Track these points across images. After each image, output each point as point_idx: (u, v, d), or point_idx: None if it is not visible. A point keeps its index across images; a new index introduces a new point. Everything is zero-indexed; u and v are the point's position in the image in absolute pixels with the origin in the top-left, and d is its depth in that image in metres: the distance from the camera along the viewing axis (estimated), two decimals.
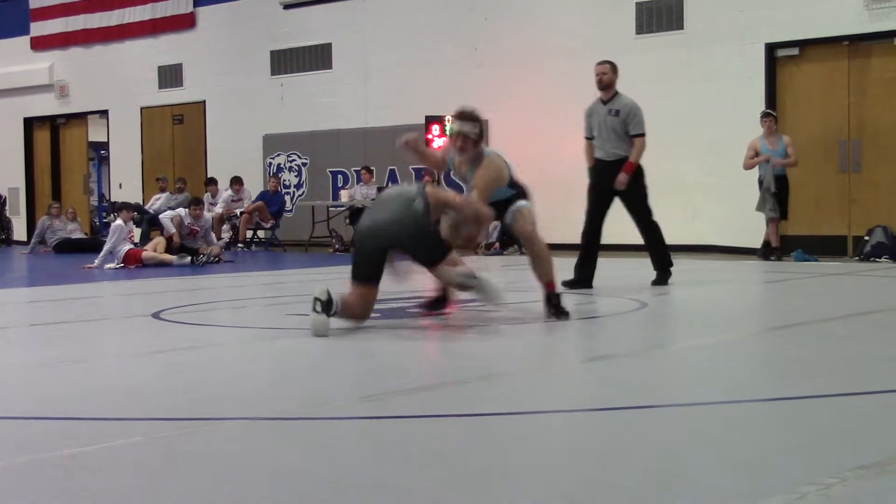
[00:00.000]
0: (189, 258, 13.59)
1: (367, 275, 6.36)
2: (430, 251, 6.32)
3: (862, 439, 3.51)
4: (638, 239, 9.77)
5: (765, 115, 12.99)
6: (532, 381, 4.85)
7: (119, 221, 13.80)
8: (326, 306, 6.12)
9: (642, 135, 9.48)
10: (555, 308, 6.83)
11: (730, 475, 3.10)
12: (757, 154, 12.88)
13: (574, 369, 5.22)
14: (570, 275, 8.98)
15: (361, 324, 6.45)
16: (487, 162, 6.87)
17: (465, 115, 6.87)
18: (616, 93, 9.56)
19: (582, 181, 15.88)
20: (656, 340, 6.40)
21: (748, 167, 13.03)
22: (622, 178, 9.36)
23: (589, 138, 9.66)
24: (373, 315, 7.40)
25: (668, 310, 7.40)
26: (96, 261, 13.38)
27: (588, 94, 15.35)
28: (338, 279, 9.34)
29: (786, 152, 12.79)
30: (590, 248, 9.36)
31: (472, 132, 6.81)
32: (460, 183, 7.44)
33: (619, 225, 9.86)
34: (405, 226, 6.27)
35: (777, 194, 12.74)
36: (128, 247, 13.49)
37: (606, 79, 9.55)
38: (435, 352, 6.01)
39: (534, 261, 7.02)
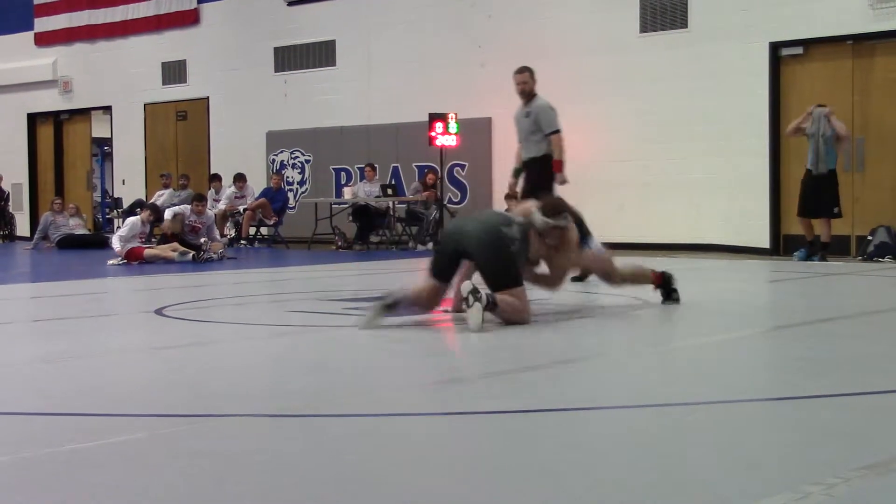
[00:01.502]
0: (191, 255, 13.58)
1: (437, 272, 6.56)
2: (498, 274, 6.37)
3: (865, 439, 3.50)
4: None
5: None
6: (534, 379, 4.84)
7: (138, 218, 13.82)
8: (390, 307, 6.39)
9: (556, 132, 9.72)
10: (667, 292, 7.40)
11: (733, 474, 3.10)
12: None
13: (575, 367, 5.21)
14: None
15: (426, 313, 6.65)
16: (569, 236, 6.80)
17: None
18: (534, 96, 9.83)
19: (586, 179, 15.90)
20: (659, 338, 6.38)
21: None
22: (560, 179, 9.67)
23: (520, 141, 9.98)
24: None
25: (671, 307, 7.39)
26: (117, 254, 13.33)
27: (592, 92, 15.45)
28: (339, 276, 9.36)
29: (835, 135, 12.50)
30: None
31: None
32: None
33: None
34: (484, 242, 6.35)
35: (816, 191, 12.50)
36: (134, 244, 13.48)
37: (528, 88, 9.84)
38: (437, 349, 6.01)
39: (631, 283, 7.42)
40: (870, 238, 12.74)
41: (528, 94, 9.77)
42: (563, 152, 9.75)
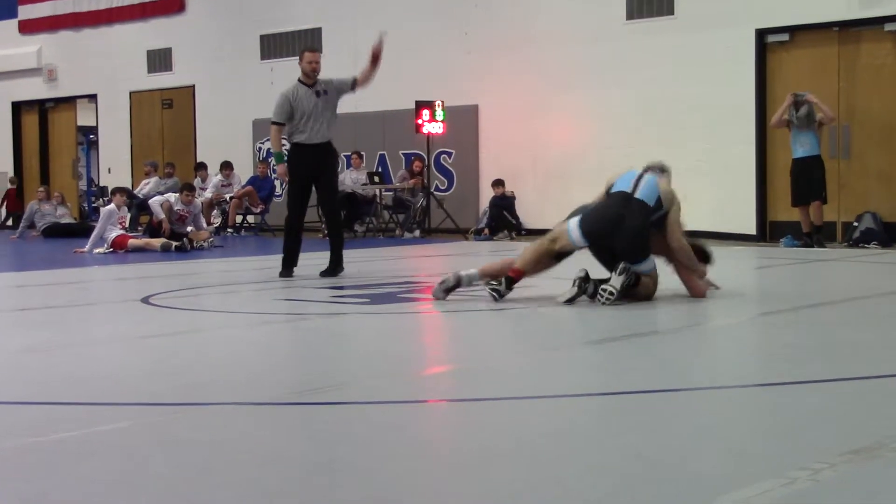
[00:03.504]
0: (174, 245, 13.52)
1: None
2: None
3: (851, 424, 3.51)
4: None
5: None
6: (522, 367, 4.85)
7: (111, 206, 13.78)
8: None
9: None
10: None
11: (720, 460, 3.11)
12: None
13: (565, 354, 5.22)
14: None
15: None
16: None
17: None
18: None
19: (572, 167, 15.79)
20: (645, 326, 6.39)
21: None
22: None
23: (280, 123, 9.35)
24: (362, 300, 7.41)
25: (658, 295, 7.40)
26: (87, 245, 13.36)
27: (578, 79, 15.44)
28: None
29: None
30: (297, 237, 9.62)
31: None
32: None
33: None
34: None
35: (805, 176, 12.57)
36: (117, 232, 13.45)
37: (319, 68, 9.48)
38: (424, 338, 6.01)
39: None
40: (856, 224, 12.79)
41: (316, 75, 9.44)
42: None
